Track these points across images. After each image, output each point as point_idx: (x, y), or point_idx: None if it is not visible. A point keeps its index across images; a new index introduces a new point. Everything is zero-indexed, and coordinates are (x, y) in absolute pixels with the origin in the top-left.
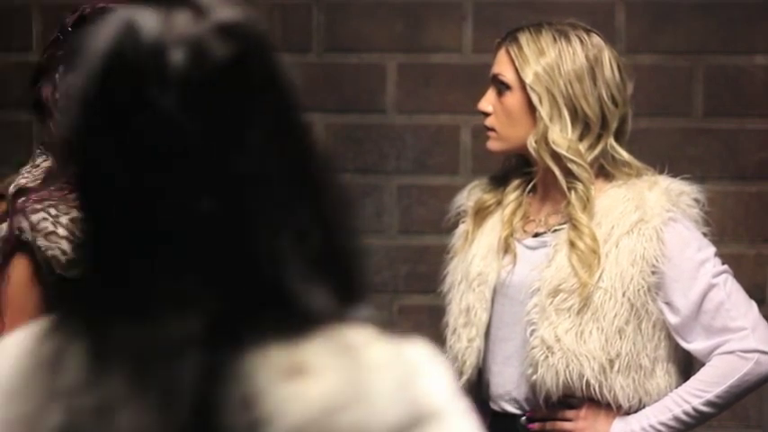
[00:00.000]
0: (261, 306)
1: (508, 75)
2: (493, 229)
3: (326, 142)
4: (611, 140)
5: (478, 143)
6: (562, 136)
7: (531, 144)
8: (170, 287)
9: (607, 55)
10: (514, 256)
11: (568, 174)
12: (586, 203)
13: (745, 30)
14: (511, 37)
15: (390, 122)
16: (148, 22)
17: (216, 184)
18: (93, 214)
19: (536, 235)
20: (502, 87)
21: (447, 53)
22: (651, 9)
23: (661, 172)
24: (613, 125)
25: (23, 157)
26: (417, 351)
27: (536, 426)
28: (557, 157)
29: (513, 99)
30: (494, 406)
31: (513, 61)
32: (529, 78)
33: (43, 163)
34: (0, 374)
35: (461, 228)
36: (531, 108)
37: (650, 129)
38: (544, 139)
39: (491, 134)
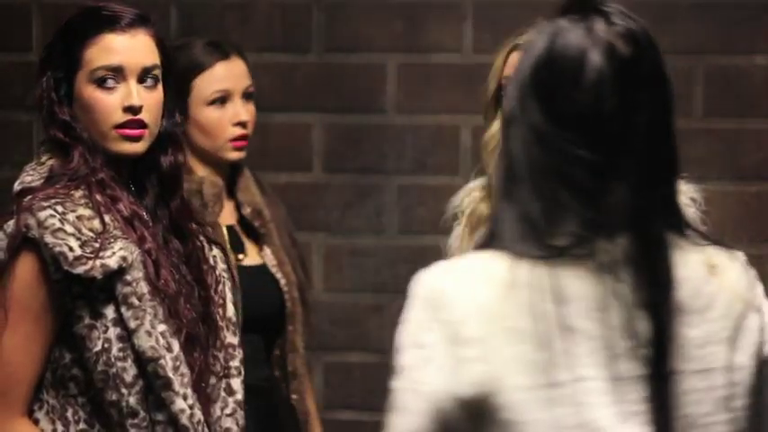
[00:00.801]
0: (679, 226)
1: None
2: None
3: (326, 142)
4: None
5: (478, 143)
6: None
7: None
8: (629, 206)
9: None
10: None
11: None
12: None
13: (745, 30)
14: None
15: (390, 122)
16: (574, 29)
17: (606, 145)
18: (526, 157)
19: None
20: None
21: (447, 53)
22: (651, 9)
23: None
24: None
25: (23, 157)
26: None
27: None
28: None
29: None
30: None
31: None
32: None
33: (48, 160)
34: (477, 296)
35: (457, 229)
36: None
37: None
38: None
39: None
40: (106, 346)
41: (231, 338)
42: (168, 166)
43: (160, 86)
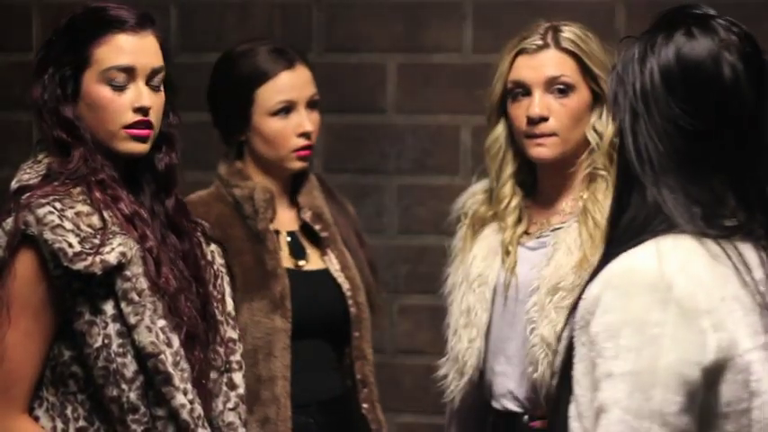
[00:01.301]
0: None
1: (572, 74)
2: (492, 231)
3: (326, 142)
4: None
5: (478, 143)
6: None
7: (594, 138)
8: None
9: None
10: (514, 258)
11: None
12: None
13: None
14: (553, 37)
15: (390, 122)
16: (699, 35)
17: (747, 134)
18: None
19: (537, 237)
20: (565, 89)
21: (447, 53)
22: (651, 9)
23: None
24: None
25: (23, 158)
26: None
27: (537, 424)
28: (612, 146)
29: (580, 98)
30: (496, 405)
31: (575, 59)
32: (603, 71)
33: (45, 159)
34: (695, 272)
35: (461, 231)
36: (591, 104)
37: None
38: (608, 133)
39: (551, 140)
40: (106, 341)
41: (231, 333)
42: (164, 165)
43: (163, 88)
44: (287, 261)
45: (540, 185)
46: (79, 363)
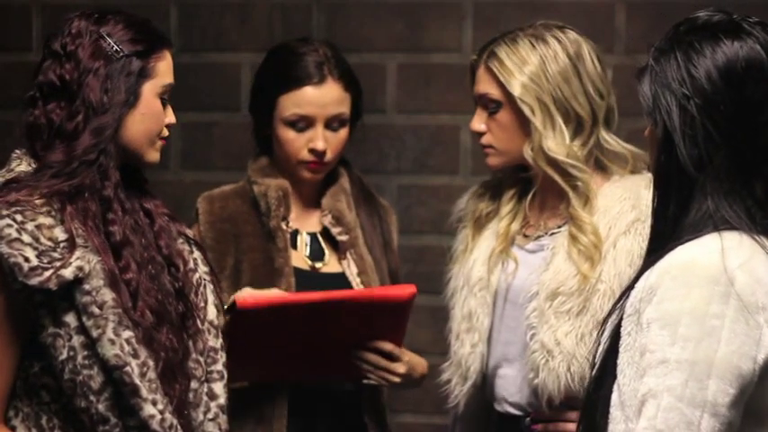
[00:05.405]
0: None
1: (495, 92)
2: (493, 234)
3: None
4: (602, 132)
5: (478, 143)
6: (558, 142)
7: (528, 154)
8: None
9: (586, 48)
10: (515, 261)
11: (567, 175)
12: (588, 200)
13: None
14: (488, 53)
15: (390, 122)
16: (747, 42)
17: None
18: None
19: (536, 239)
20: (492, 106)
21: (447, 53)
22: (651, 9)
23: None
24: (601, 117)
25: None
26: None
27: (539, 427)
28: (554, 162)
29: (506, 114)
30: (498, 408)
31: (496, 77)
32: (517, 91)
33: (17, 167)
34: (754, 269)
35: (462, 233)
36: (524, 120)
37: None
38: (540, 149)
39: (489, 151)
40: (71, 354)
41: (213, 342)
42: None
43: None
44: (303, 262)
45: (536, 187)
46: (50, 374)
